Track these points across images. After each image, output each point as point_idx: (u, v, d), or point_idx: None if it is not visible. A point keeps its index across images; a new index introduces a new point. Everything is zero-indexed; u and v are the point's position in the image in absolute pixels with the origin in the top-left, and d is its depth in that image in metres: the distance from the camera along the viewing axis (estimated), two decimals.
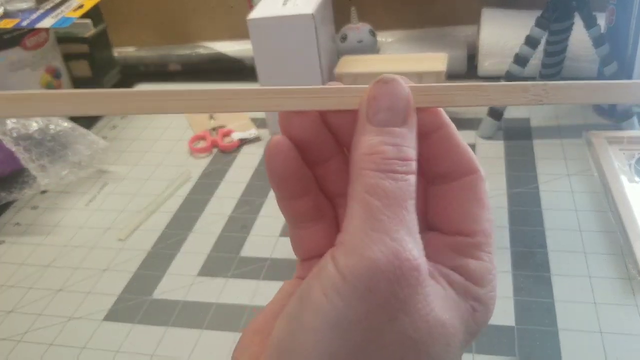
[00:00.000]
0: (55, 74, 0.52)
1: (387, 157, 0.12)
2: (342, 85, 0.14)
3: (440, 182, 0.14)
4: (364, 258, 0.12)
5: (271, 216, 0.38)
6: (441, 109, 0.14)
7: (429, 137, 0.14)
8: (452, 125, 0.14)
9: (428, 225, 0.15)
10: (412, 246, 0.12)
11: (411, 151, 0.13)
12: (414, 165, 0.13)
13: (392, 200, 0.12)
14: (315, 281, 0.12)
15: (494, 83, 0.14)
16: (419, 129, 0.14)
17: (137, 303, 0.32)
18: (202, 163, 0.45)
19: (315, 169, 0.15)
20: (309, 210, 0.15)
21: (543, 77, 0.48)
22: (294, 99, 0.13)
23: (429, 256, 0.13)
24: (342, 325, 0.12)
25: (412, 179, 0.13)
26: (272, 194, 0.40)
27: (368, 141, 0.13)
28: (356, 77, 0.45)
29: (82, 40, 0.56)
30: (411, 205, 0.12)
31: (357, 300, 0.12)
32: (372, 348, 0.12)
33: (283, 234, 0.36)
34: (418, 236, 0.12)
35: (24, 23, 0.47)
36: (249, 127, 0.48)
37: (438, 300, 0.12)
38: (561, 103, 0.14)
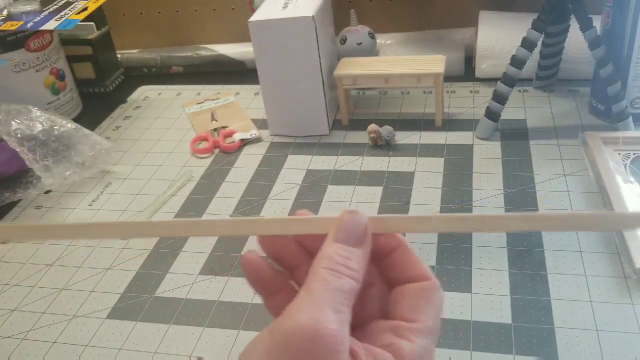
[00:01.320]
0: (60, 76, 0.53)
1: (336, 262, 0.16)
2: (313, 216, 0.18)
3: (399, 284, 0.18)
4: (291, 319, 0.15)
5: (273, 216, 0.38)
6: (398, 235, 0.18)
7: (391, 254, 0.18)
8: (408, 244, 0.18)
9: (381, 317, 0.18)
10: (335, 322, 0.15)
11: (356, 265, 0.17)
12: (356, 275, 0.16)
13: (331, 288, 0.16)
14: (251, 342, 0.15)
15: (438, 215, 0.18)
16: (382, 248, 0.18)
17: (140, 301, 0.33)
18: (203, 163, 0.45)
19: (293, 273, 0.19)
20: (284, 305, 0.17)
21: (539, 78, 0.49)
22: (273, 228, 0.18)
23: (366, 336, 0.17)
24: None
25: (352, 282, 0.16)
26: (272, 194, 0.41)
27: (327, 250, 0.17)
28: (355, 79, 0.46)
29: (86, 42, 0.57)
30: (345, 297, 0.16)
31: (275, 348, 0.15)
32: None
33: None
34: (345, 320, 0.15)
35: (28, 25, 0.47)
36: (250, 127, 0.49)
37: None
38: (496, 231, 0.18)
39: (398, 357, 0.16)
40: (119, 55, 0.62)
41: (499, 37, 0.50)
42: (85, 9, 0.49)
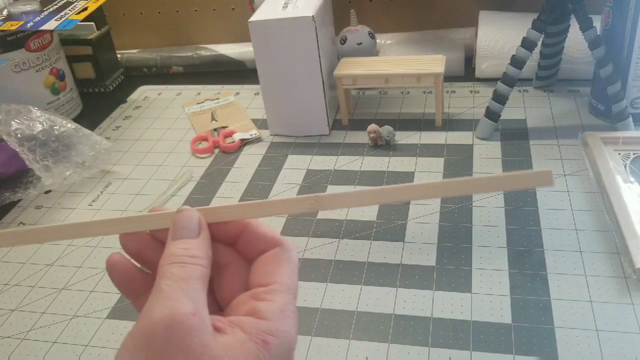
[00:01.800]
0: (60, 76, 0.53)
1: (178, 255, 0.17)
2: (158, 212, 0.19)
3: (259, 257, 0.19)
4: (147, 317, 0.16)
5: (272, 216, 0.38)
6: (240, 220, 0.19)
7: (240, 236, 0.19)
8: (255, 221, 0.19)
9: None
10: (188, 303, 0.16)
11: (200, 252, 0.18)
12: (202, 261, 0.18)
13: (178, 278, 0.16)
14: (117, 353, 0.16)
15: (275, 199, 0.19)
16: (231, 232, 0.19)
17: None
18: (203, 163, 0.45)
19: (155, 272, 0.19)
20: None
21: (539, 79, 0.49)
22: (128, 225, 0.19)
23: (231, 311, 0.18)
24: None
25: (199, 268, 0.17)
26: (272, 194, 0.41)
27: (168, 249, 0.18)
28: (355, 79, 0.46)
29: (86, 42, 0.57)
30: (196, 283, 0.17)
31: (138, 349, 0.15)
32: None
33: (283, 233, 0.37)
34: (201, 302, 0.16)
35: (28, 25, 0.47)
36: (250, 127, 0.49)
37: (218, 344, 0.15)
38: (332, 209, 0.19)
39: (259, 317, 0.17)
40: (119, 55, 0.62)
41: (499, 37, 0.50)
42: (85, 9, 0.49)
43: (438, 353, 0.28)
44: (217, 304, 0.20)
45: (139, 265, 0.20)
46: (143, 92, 0.59)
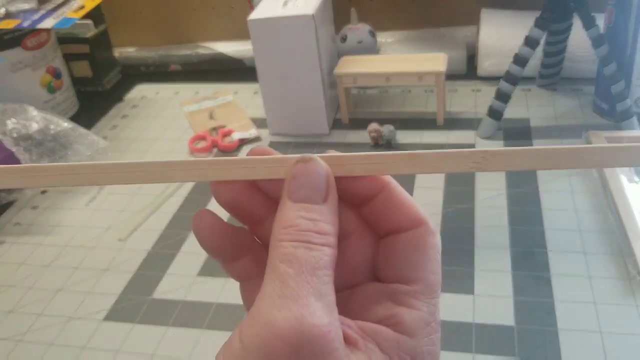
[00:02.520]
0: (56, 74, 0.52)
1: (302, 230, 0.13)
2: (269, 156, 0.14)
3: (389, 235, 0.15)
4: (266, 325, 0.12)
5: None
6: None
7: (373, 199, 0.14)
8: (394, 184, 0.15)
9: (374, 276, 0.15)
10: (322, 313, 0.12)
11: (328, 226, 0.13)
12: (331, 239, 0.13)
13: (305, 267, 0.12)
14: (220, 355, 0.12)
15: (429, 152, 0.14)
16: (361, 192, 0.14)
17: (138, 303, 0.32)
18: None
19: (255, 228, 0.15)
20: (251, 269, 0.15)
21: (542, 77, 0.48)
22: (224, 170, 0.14)
23: (357, 307, 0.14)
24: None
25: (328, 250, 0.13)
26: None
27: (286, 215, 0.13)
28: (356, 77, 0.45)
29: (83, 40, 0.56)
30: (325, 274, 0.13)
31: None
32: None
33: None
34: (332, 303, 0.12)
35: (26, 24, 0.47)
36: (249, 127, 0.48)
37: None
38: (501, 170, 0.14)
39: (400, 331, 0.13)
40: (116, 54, 0.62)
41: (501, 36, 0.49)
42: (83, 7, 0.49)
43: (441, 355, 0.27)
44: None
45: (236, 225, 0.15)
46: (140, 91, 0.58)
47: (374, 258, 0.15)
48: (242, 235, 0.15)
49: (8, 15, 0.48)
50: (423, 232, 0.14)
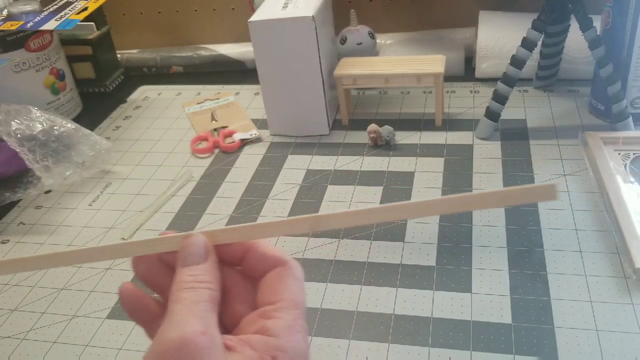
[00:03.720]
0: (60, 76, 0.53)
1: (188, 282, 0.18)
2: (166, 236, 0.20)
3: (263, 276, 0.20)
4: (159, 341, 0.16)
5: (272, 216, 0.38)
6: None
7: (245, 257, 0.20)
8: (258, 242, 0.20)
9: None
10: (197, 323, 0.16)
11: (207, 277, 0.18)
12: (210, 285, 0.18)
13: (189, 301, 0.17)
14: None
15: (274, 221, 0.19)
16: (234, 254, 0.20)
17: None
18: (203, 163, 0.45)
19: (164, 295, 0.20)
20: None
21: (539, 78, 0.49)
22: (135, 249, 0.20)
23: (242, 330, 0.18)
24: None
25: (208, 292, 0.18)
26: (272, 194, 0.41)
27: (178, 277, 0.19)
28: (355, 79, 0.46)
29: (86, 42, 0.57)
30: (205, 306, 0.17)
31: None
32: None
33: None
34: (211, 322, 0.17)
35: (28, 25, 0.47)
36: (250, 127, 0.49)
37: None
38: (332, 228, 0.19)
39: (267, 335, 0.17)
40: (119, 55, 0.62)
41: (499, 37, 0.50)
42: (85, 9, 0.49)
43: (438, 353, 0.28)
44: (224, 326, 0.20)
45: (150, 295, 0.21)
46: (143, 92, 0.59)
47: (253, 298, 0.20)
48: (156, 303, 0.20)
49: (10, 17, 0.49)
50: (282, 268, 0.19)
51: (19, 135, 0.42)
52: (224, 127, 0.49)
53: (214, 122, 0.51)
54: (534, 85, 0.49)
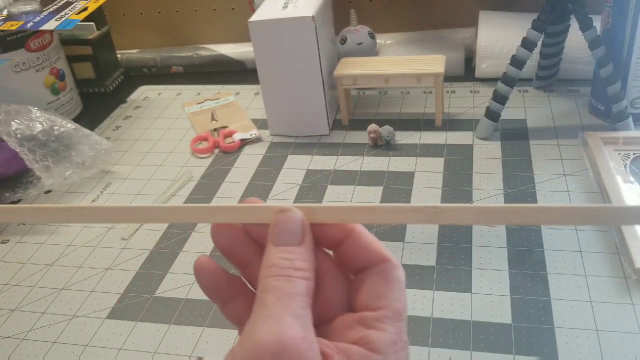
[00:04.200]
0: (60, 76, 0.53)
1: (282, 267, 0.16)
2: (259, 204, 0.17)
3: (360, 272, 0.17)
4: (251, 340, 0.14)
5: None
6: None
7: (341, 244, 0.17)
8: (360, 228, 0.17)
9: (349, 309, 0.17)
10: (297, 328, 0.14)
11: (304, 264, 0.16)
12: (307, 274, 0.16)
13: (283, 294, 0.15)
14: None
15: (387, 205, 0.17)
16: (332, 237, 0.17)
17: (140, 301, 0.33)
18: (203, 163, 0.45)
19: (244, 271, 0.18)
20: (243, 311, 0.17)
21: (539, 78, 0.49)
22: (223, 215, 0.17)
23: (334, 334, 0.16)
24: None
25: (304, 282, 0.16)
26: (272, 194, 0.41)
27: (270, 257, 0.16)
28: (355, 79, 0.46)
29: (86, 42, 0.57)
30: (301, 299, 0.15)
31: None
32: None
33: None
34: (307, 322, 0.15)
35: (28, 25, 0.47)
36: (250, 127, 0.49)
37: None
38: (451, 224, 0.17)
39: (370, 349, 0.15)
40: (119, 55, 0.62)
41: (499, 37, 0.50)
42: (85, 9, 0.49)
43: (438, 353, 0.28)
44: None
45: (228, 270, 0.18)
46: (143, 92, 0.59)
47: (347, 294, 0.17)
48: (235, 280, 0.18)
49: (10, 17, 0.49)
50: (387, 267, 0.17)
51: (19, 135, 0.42)
52: (224, 127, 0.49)
53: (214, 122, 0.51)
54: (534, 85, 0.49)
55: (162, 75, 0.62)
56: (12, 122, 0.42)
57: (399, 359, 0.15)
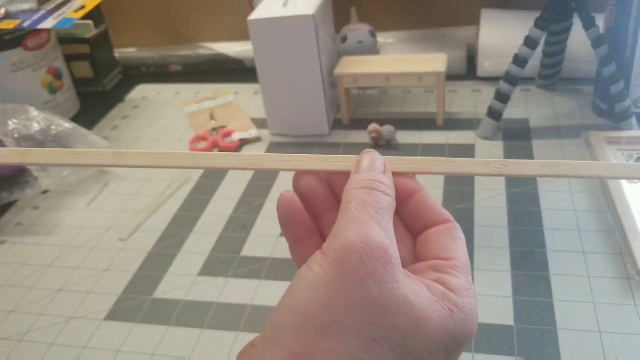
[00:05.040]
0: (57, 75, 0.52)
1: (366, 179, 0.16)
2: (339, 156, 0.18)
3: (423, 232, 0.18)
4: (340, 238, 0.15)
5: (271, 216, 0.38)
6: (415, 180, 0.18)
7: (407, 201, 0.18)
8: (424, 190, 0.18)
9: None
10: (382, 234, 0.15)
11: (388, 183, 0.17)
12: (390, 191, 0.17)
13: (369, 205, 0.16)
14: (304, 265, 0.15)
15: (462, 159, 0.18)
16: (400, 193, 0.18)
17: (138, 302, 0.33)
18: None
19: (318, 221, 0.19)
20: (313, 251, 0.17)
21: (542, 77, 0.49)
22: (308, 162, 0.18)
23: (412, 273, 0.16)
24: (317, 284, 0.14)
25: (388, 199, 0.16)
26: (271, 194, 0.40)
27: (356, 175, 0.17)
28: (356, 78, 0.45)
29: (84, 40, 0.57)
30: (385, 213, 0.16)
31: (331, 266, 0.14)
32: (341, 305, 0.14)
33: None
34: (391, 232, 0.15)
35: (26, 24, 0.47)
36: (249, 127, 0.48)
37: (408, 286, 0.15)
38: (517, 175, 0.18)
39: (448, 288, 0.16)
40: (116, 54, 0.62)
41: (501, 36, 0.49)
42: (83, 7, 0.49)
43: None
44: None
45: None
46: (141, 91, 0.58)
47: (412, 251, 0.18)
48: (311, 223, 0.18)
49: (8, 16, 0.48)
50: (452, 227, 0.18)
51: (16, 135, 0.41)
52: (222, 127, 0.49)
53: (212, 121, 0.50)
54: (537, 84, 0.49)
55: (160, 74, 0.62)
56: (9, 122, 0.42)
57: (470, 304, 0.16)
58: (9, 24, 0.47)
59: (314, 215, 0.19)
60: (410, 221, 0.18)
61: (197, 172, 0.44)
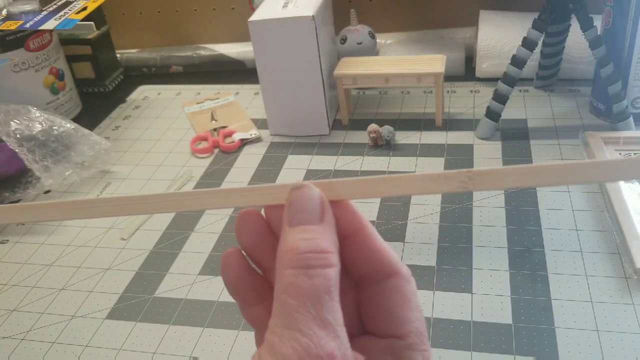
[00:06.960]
0: (59, 76, 0.53)
1: (300, 252, 0.13)
2: (267, 184, 0.15)
3: (366, 285, 0.15)
4: (279, 355, 0.12)
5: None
6: (360, 214, 0.15)
7: (348, 240, 0.15)
8: (371, 228, 0.15)
9: (364, 328, 0.16)
10: (326, 341, 0.12)
11: (327, 244, 0.14)
12: (331, 257, 0.14)
13: (306, 298, 0.13)
14: None
15: (415, 174, 0.14)
16: (338, 232, 0.15)
17: (140, 301, 0.33)
18: (203, 163, 0.45)
19: (268, 274, 0.16)
20: (264, 317, 0.15)
21: (540, 78, 0.49)
22: (230, 199, 0.15)
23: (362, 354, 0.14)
24: None
25: (330, 271, 0.13)
26: None
27: (286, 240, 0.14)
28: (356, 79, 0.45)
29: (86, 42, 0.57)
30: (328, 299, 0.13)
31: None
32: None
33: None
34: (340, 329, 0.13)
35: (28, 25, 0.47)
36: (250, 127, 0.49)
37: None
38: (489, 189, 0.14)
39: None
40: (118, 55, 0.62)
41: (499, 37, 0.49)
42: (85, 8, 0.49)
43: (438, 353, 0.27)
44: None
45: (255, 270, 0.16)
46: (143, 92, 0.59)
47: (356, 307, 0.16)
48: (261, 282, 0.16)
49: (10, 17, 0.49)
50: (401, 282, 0.15)
51: (18, 136, 0.42)
52: (223, 127, 0.49)
53: (213, 122, 0.51)
54: (535, 85, 0.49)
55: (161, 75, 0.62)
56: (12, 122, 0.42)
57: None
58: (11, 25, 0.47)
59: (264, 268, 0.16)
60: (351, 265, 0.15)
61: (198, 172, 0.44)
